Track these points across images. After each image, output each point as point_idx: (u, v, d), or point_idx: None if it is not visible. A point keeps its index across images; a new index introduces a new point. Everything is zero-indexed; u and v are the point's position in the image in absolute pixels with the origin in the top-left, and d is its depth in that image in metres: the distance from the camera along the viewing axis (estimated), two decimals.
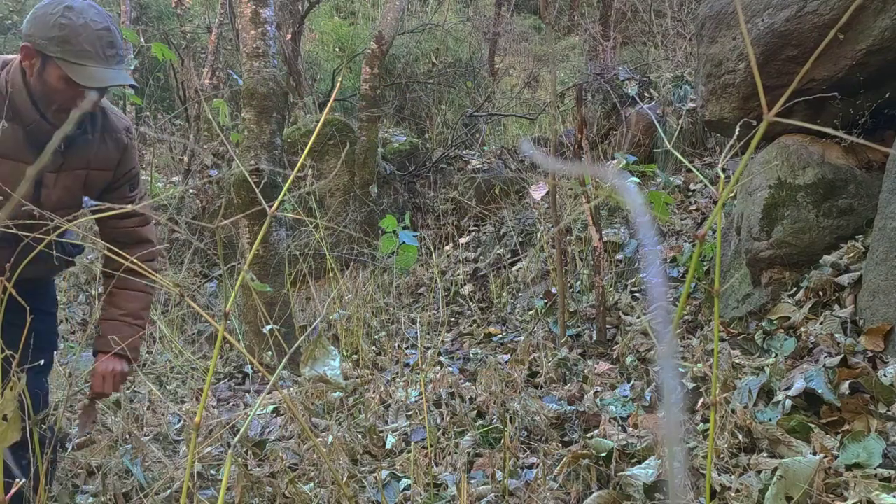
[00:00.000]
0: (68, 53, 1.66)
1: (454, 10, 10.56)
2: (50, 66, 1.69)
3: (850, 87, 3.00)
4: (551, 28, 6.75)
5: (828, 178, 3.00)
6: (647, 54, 7.38)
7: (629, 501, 1.96)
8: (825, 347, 2.48)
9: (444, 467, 2.36)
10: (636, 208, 0.51)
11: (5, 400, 1.03)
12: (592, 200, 3.31)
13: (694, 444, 2.17)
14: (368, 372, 3.48)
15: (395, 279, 5.10)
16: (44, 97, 1.72)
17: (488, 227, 5.81)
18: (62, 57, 1.66)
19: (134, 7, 9.13)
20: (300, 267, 4.54)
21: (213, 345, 4.29)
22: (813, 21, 3.00)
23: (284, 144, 5.38)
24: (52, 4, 1.70)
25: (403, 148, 6.88)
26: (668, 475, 1.27)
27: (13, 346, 1.37)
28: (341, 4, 10.80)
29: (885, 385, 2.12)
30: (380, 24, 6.42)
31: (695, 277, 3.54)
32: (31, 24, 1.68)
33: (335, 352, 1.65)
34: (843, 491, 1.77)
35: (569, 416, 2.58)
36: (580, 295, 4.12)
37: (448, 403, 2.82)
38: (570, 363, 3.19)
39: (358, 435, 2.64)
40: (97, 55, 1.70)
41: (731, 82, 3.38)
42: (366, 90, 6.02)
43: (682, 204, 4.70)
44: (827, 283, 2.77)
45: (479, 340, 3.99)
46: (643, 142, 5.63)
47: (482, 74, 9.23)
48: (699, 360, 2.63)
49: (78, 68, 1.67)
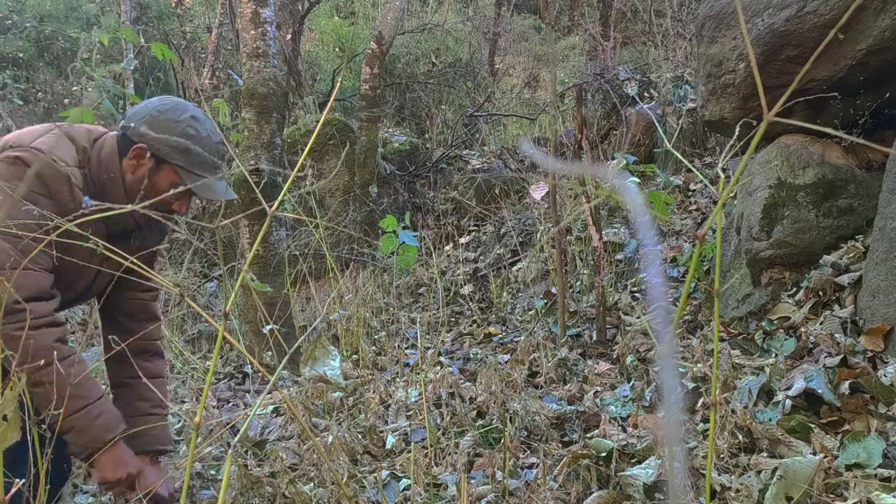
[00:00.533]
0: (190, 164, 1.68)
1: (454, 10, 10.56)
2: (165, 171, 1.69)
3: (850, 87, 3.00)
4: (551, 28, 6.75)
5: (828, 178, 3.00)
6: (647, 54, 7.38)
7: (629, 501, 1.96)
8: (825, 347, 2.48)
9: (444, 467, 2.36)
10: (636, 208, 0.51)
11: (5, 400, 1.03)
12: (592, 200, 3.31)
13: (694, 444, 2.17)
14: (368, 372, 3.48)
15: (395, 279, 5.10)
16: (142, 197, 1.67)
17: (488, 227, 5.81)
18: (183, 166, 1.68)
19: (134, 7, 9.13)
20: (300, 267, 4.54)
21: (213, 345, 4.29)
22: (813, 21, 3.00)
23: (284, 144, 5.38)
24: (177, 111, 1.71)
25: (403, 148, 6.88)
26: (668, 475, 1.27)
27: None
28: (341, 4, 10.80)
29: (885, 385, 2.12)
30: (380, 24, 6.42)
31: (695, 277, 3.54)
32: (151, 126, 1.68)
33: (335, 352, 1.65)
34: (843, 491, 1.77)
35: (569, 416, 2.58)
36: (580, 295, 4.12)
37: (448, 403, 2.82)
38: (570, 363, 3.19)
39: (358, 435, 2.64)
40: (212, 168, 1.72)
41: (731, 82, 3.38)
42: (366, 90, 6.02)
43: (682, 204, 4.70)
44: (827, 283, 2.77)
45: (479, 340, 3.99)
46: (643, 142, 5.63)
47: (482, 74, 9.23)
48: (699, 360, 2.63)
49: (195, 179, 1.68)
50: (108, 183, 1.69)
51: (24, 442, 1.13)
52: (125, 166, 1.70)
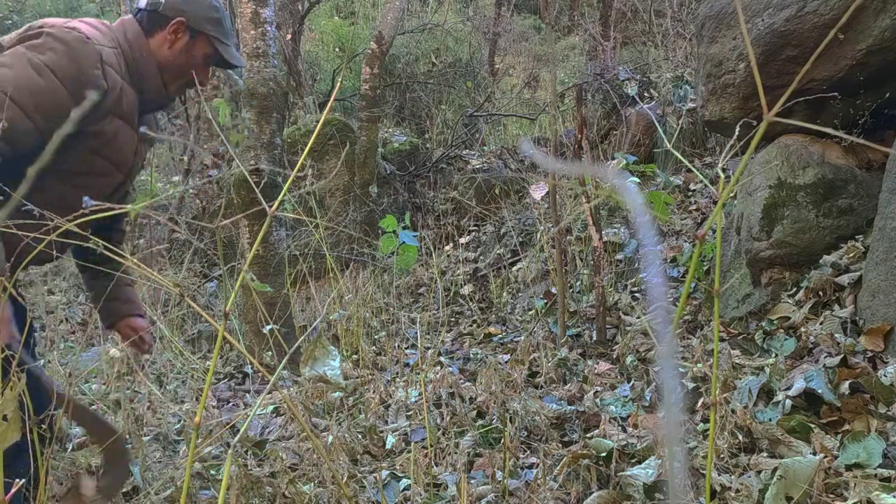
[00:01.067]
0: (221, 34, 1.82)
1: (454, 10, 10.56)
2: (200, 42, 1.81)
3: (850, 87, 3.00)
4: (551, 28, 6.75)
5: (828, 178, 3.00)
6: (647, 54, 7.38)
7: (629, 501, 1.96)
8: (825, 347, 2.48)
9: (444, 467, 2.36)
10: (636, 208, 0.51)
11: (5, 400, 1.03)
12: (592, 200, 3.31)
13: (694, 444, 2.17)
14: (368, 372, 3.48)
15: (395, 279, 5.10)
16: (177, 70, 1.80)
17: (488, 227, 5.81)
18: (216, 36, 1.81)
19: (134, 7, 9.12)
20: (300, 267, 4.54)
21: (213, 345, 4.29)
22: (813, 21, 3.00)
23: (284, 144, 5.38)
24: None
25: (403, 148, 6.88)
26: (668, 475, 1.27)
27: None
28: (341, 4, 10.80)
29: (885, 385, 2.12)
30: (380, 24, 6.42)
31: (695, 277, 3.54)
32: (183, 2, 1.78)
33: (335, 352, 1.65)
34: (843, 491, 1.77)
35: (569, 416, 2.58)
36: (580, 295, 4.12)
37: (448, 403, 2.82)
38: (570, 363, 3.18)
39: (358, 435, 2.64)
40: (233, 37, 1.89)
41: (731, 82, 3.38)
42: (366, 90, 6.02)
43: (682, 204, 4.70)
44: (827, 283, 2.77)
45: (479, 340, 3.98)
46: (643, 142, 5.63)
47: (482, 74, 9.23)
48: (699, 360, 2.63)
49: (225, 47, 1.83)
50: (140, 61, 1.77)
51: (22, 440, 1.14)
52: (158, 41, 1.79)
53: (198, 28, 1.79)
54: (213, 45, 1.82)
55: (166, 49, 1.79)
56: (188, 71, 1.81)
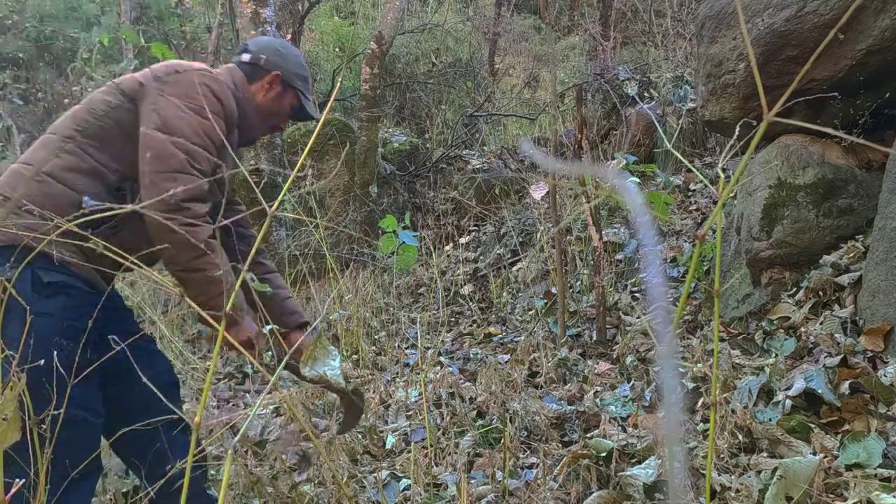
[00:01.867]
0: (306, 90, 2.14)
1: (454, 10, 10.56)
2: (289, 95, 2.11)
3: (850, 87, 3.00)
4: (551, 28, 6.75)
5: (828, 178, 3.00)
6: (647, 54, 7.38)
7: (629, 501, 1.96)
8: (825, 347, 2.48)
9: (444, 467, 2.36)
10: (636, 208, 0.51)
11: (5, 400, 1.03)
12: (592, 200, 3.31)
13: (694, 444, 2.17)
14: (368, 372, 3.49)
15: (395, 279, 5.10)
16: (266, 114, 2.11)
17: (488, 227, 5.81)
18: (302, 91, 2.12)
19: (134, 7, 9.13)
20: (300, 267, 4.54)
21: (213, 345, 4.29)
22: (813, 21, 3.00)
23: (284, 144, 5.38)
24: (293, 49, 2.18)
25: (403, 148, 6.88)
26: (668, 475, 1.27)
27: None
28: (341, 4, 10.81)
29: (885, 385, 2.12)
30: (380, 24, 6.42)
31: (695, 277, 3.54)
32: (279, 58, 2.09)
33: (335, 352, 1.65)
34: (843, 491, 1.77)
35: (569, 416, 2.58)
36: (580, 295, 4.12)
37: (448, 403, 2.82)
38: (570, 363, 3.18)
39: (358, 435, 2.64)
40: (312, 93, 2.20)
41: (731, 82, 3.38)
42: (366, 90, 6.02)
43: (682, 204, 4.70)
44: (827, 283, 2.77)
45: (479, 340, 3.98)
46: (643, 142, 5.63)
47: (482, 74, 9.23)
48: (699, 360, 2.63)
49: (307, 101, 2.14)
50: (243, 101, 2.04)
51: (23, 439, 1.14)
52: (255, 89, 2.08)
53: (289, 82, 2.09)
54: (299, 98, 2.12)
55: (261, 96, 2.09)
56: (275, 116, 2.13)
